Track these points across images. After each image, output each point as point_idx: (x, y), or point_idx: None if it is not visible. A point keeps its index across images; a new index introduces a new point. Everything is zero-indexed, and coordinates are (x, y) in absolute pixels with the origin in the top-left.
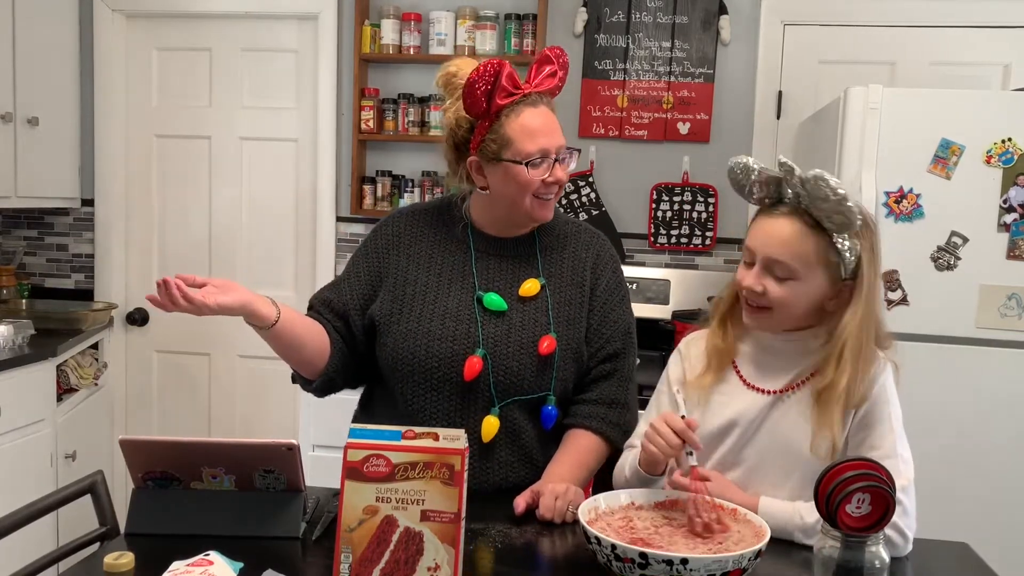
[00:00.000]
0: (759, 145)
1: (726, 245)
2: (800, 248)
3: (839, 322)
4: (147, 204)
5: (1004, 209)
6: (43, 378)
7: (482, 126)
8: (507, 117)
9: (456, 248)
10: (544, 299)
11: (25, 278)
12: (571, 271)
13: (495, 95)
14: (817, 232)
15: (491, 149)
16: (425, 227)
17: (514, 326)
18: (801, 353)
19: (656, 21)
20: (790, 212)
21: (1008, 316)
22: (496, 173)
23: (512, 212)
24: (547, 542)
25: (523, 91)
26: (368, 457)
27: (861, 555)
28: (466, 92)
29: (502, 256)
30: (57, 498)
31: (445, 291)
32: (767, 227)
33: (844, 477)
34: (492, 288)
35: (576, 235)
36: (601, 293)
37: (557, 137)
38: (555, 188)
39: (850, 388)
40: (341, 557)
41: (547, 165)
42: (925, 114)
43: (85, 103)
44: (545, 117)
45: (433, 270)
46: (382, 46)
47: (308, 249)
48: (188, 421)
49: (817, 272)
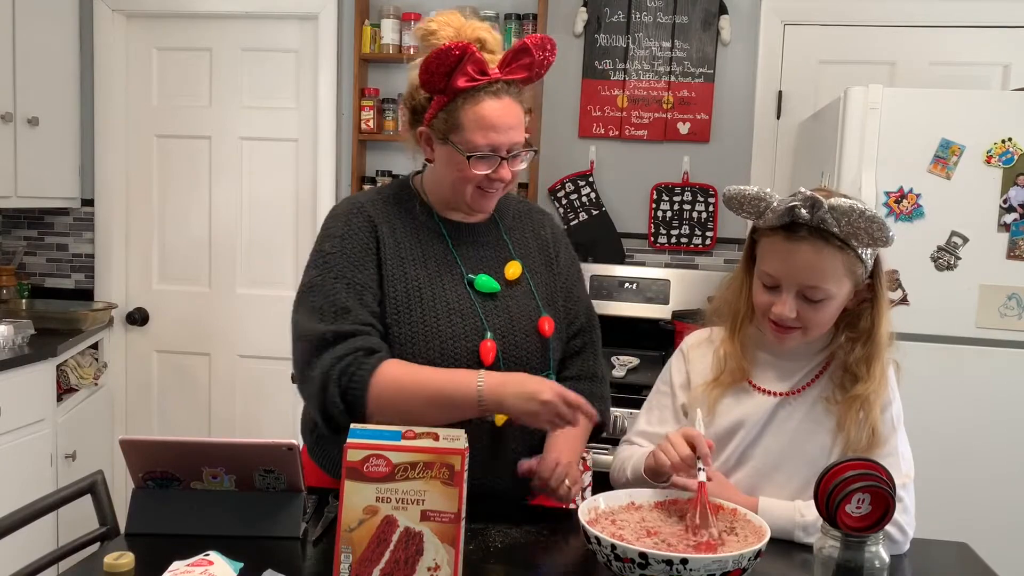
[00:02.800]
0: (759, 145)
1: (726, 245)
2: (833, 271)
3: (871, 326)
4: (147, 204)
5: (1004, 209)
6: (43, 378)
7: (439, 100)
8: (464, 101)
9: (430, 235)
10: (527, 280)
11: (25, 278)
12: (538, 251)
13: (456, 76)
14: (843, 249)
15: (440, 128)
16: (394, 217)
17: (511, 308)
18: (812, 353)
19: (656, 21)
20: (810, 235)
21: (1008, 316)
22: (442, 153)
23: (453, 196)
24: (547, 542)
25: (487, 78)
26: (368, 457)
27: (861, 555)
28: (424, 67)
29: (475, 243)
30: (57, 498)
31: (439, 283)
32: (794, 256)
33: (844, 477)
34: (479, 271)
35: (529, 214)
36: (563, 270)
37: (512, 134)
38: (499, 185)
39: (879, 391)
40: (341, 557)
41: (492, 162)
42: (925, 114)
43: (85, 103)
44: (504, 110)
45: (419, 262)
46: (382, 46)
47: (308, 249)
48: (188, 421)
49: (845, 284)
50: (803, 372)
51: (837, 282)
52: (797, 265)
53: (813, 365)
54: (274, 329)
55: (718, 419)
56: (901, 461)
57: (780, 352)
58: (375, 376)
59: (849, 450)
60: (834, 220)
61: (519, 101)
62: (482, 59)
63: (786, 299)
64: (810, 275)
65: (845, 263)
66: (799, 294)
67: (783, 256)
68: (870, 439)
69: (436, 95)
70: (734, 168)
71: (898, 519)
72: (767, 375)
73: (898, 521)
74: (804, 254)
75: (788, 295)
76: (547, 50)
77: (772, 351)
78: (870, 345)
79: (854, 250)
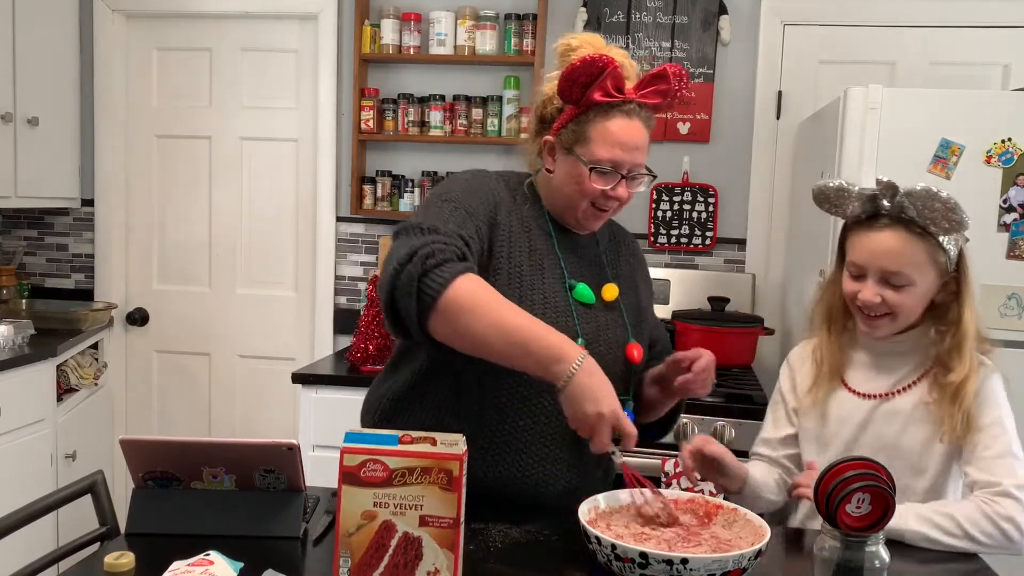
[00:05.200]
0: (759, 145)
1: (726, 245)
2: (913, 257)
3: (958, 316)
4: (147, 204)
5: (1004, 209)
6: (43, 378)
7: (570, 111)
8: (596, 114)
9: (539, 232)
10: (619, 304)
11: (25, 278)
12: (628, 274)
13: (593, 89)
14: (924, 237)
15: (567, 138)
16: (511, 203)
17: (601, 326)
18: (912, 352)
19: (656, 21)
20: (892, 223)
21: (1008, 316)
22: (563, 165)
23: (565, 210)
24: (547, 542)
25: (623, 97)
26: (365, 462)
27: (861, 555)
28: (564, 76)
29: (577, 253)
30: (57, 498)
31: (539, 276)
32: (875, 242)
33: (844, 477)
34: (578, 280)
35: (623, 237)
36: (645, 295)
37: (636, 155)
38: (614, 204)
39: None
40: (340, 562)
41: (611, 179)
42: (925, 114)
43: (85, 103)
44: (633, 130)
45: (524, 251)
46: (382, 46)
47: (308, 249)
48: (188, 421)
49: (929, 272)
50: (900, 373)
51: (919, 269)
52: (879, 251)
53: (910, 367)
54: (274, 329)
55: (824, 421)
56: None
57: (876, 350)
58: (463, 278)
59: (946, 440)
60: (911, 205)
61: (647, 126)
62: (622, 76)
63: (871, 284)
64: (892, 260)
65: (927, 250)
66: (882, 280)
67: (867, 244)
68: (964, 427)
69: (569, 105)
70: (734, 168)
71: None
72: (864, 375)
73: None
74: (886, 240)
75: (872, 281)
76: (683, 81)
77: (868, 349)
78: (958, 335)
79: (935, 237)
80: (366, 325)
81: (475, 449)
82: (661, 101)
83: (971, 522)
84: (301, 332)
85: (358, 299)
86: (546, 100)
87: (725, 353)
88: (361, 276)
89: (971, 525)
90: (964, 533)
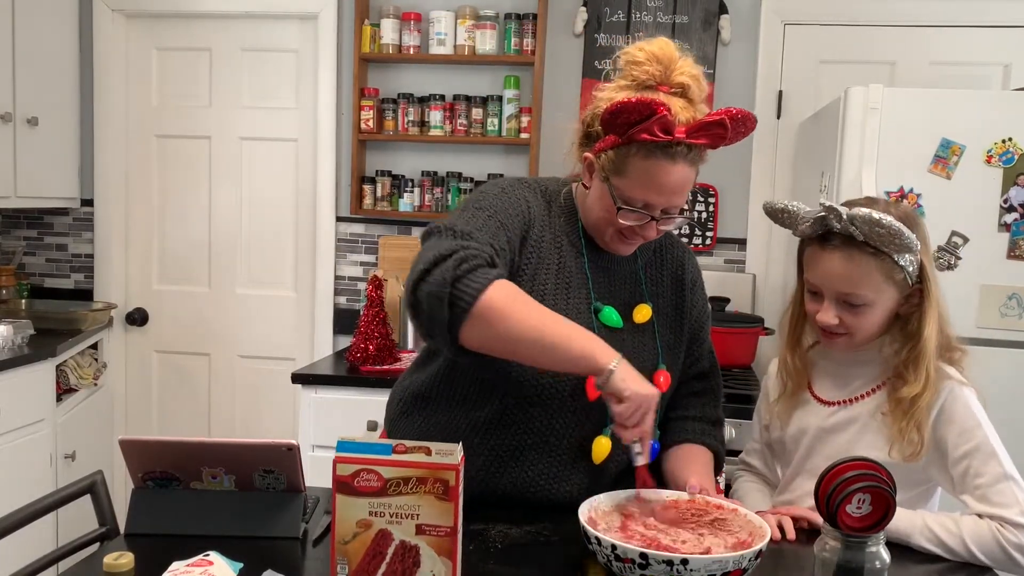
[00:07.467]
0: (759, 145)
1: (726, 245)
2: (867, 277)
3: (918, 330)
4: (147, 204)
5: (1004, 209)
6: (43, 378)
7: (614, 139)
8: (638, 151)
9: (570, 248)
10: (652, 327)
11: (25, 278)
12: (671, 292)
13: (639, 128)
14: (877, 255)
15: (606, 166)
16: (545, 217)
17: (627, 350)
18: (874, 361)
19: (656, 21)
20: (844, 243)
21: (1008, 316)
22: (598, 188)
23: (595, 231)
24: (547, 542)
25: (670, 139)
26: (358, 472)
27: (861, 555)
28: (609, 111)
29: (610, 271)
30: (57, 498)
31: (563, 297)
32: (827, 265)
33: (844, 477)
34: (606, 302)
35: (671, 249)
36: (697, 316)
37: (673, 199)
38: (639, 240)
39: (924, 393)
40: (337, 569)
41: (641, 218)
42: (925, 114)
43: (85, 103)
44: (674, 175)
45: (552, 269)
46: (382, 46)
47: (308, 249)
48: (188, 421)
49: (887, 289)
50: (860, 380)
51: (875, 288)
52: (832, 273)
53: (870, 375)
54: (274, 329)
55: (786, 429)
56: (1014, 487)
57: (838, 359)
58: (499, 283)
59: (896, 454)
60: (857, 229)
61: (694, 166)
62: (670, 123)
63: (828, 306)
64: (845, 283)
65: (881, 269)
66: (840, 301)
67: (819, 265)
68: (916, 446)
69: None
70: (734, 168)
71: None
72: (826, 383)
73: None
74: (837, 262)
75: (829, 302)
76: (746, 127)
77: (830, 358)
78: (916, 350)
79: (889, 256)
80: (366, 325)
81: (488, 454)
82: (712, 143)
83: (979, 545)
84: (301, 332)
85: (358, 299)
86: (594, 116)
87: (725, 353)
88: (361, 276)
89: (978, 548)
90: (971, 555)
